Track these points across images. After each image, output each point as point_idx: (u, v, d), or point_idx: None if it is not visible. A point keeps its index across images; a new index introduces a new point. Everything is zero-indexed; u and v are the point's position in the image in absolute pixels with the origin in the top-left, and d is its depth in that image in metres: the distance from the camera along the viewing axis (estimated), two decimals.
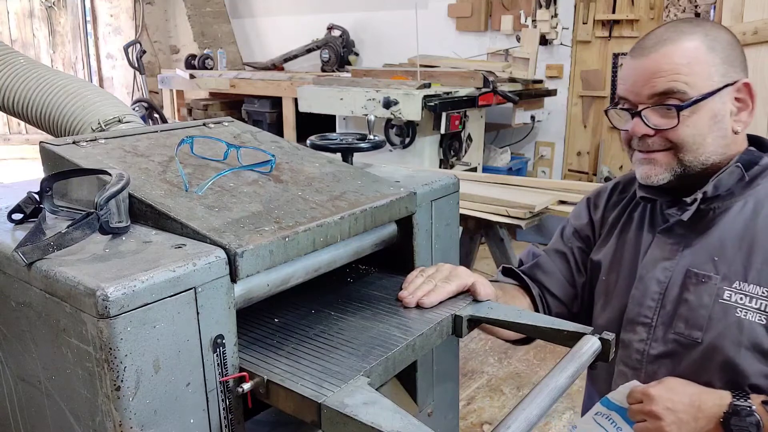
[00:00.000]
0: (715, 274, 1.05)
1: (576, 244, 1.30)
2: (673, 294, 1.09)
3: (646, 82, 1.05)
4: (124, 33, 7.28)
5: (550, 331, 0.93)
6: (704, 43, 1.04)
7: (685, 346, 1.07)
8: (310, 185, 0.97)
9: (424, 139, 3.89)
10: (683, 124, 1.03)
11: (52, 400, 0.75)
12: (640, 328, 1.12)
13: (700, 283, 1.07)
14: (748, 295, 1.03)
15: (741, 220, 1.06)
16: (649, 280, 1.12)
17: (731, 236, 1.06)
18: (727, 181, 1.06)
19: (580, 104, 5.00)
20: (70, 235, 0.70)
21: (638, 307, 1.13)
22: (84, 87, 1.43)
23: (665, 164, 1.07)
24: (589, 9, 4.78)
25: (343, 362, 0.81)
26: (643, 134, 1.06)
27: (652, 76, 1.04)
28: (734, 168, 1.06)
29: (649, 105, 1.05)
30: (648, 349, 1.11)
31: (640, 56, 1.07)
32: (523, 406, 0.75)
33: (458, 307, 0.97)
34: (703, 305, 1.05)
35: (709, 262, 1.07)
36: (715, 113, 1.04)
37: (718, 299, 1.05)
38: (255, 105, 5.40)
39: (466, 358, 2.90)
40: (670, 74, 1.03)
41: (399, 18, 5.57)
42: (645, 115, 1.05)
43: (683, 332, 1.07)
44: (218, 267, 0.72)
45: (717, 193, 1.07)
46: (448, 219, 1.14)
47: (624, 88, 1.09)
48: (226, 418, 0.77)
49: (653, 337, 1.11)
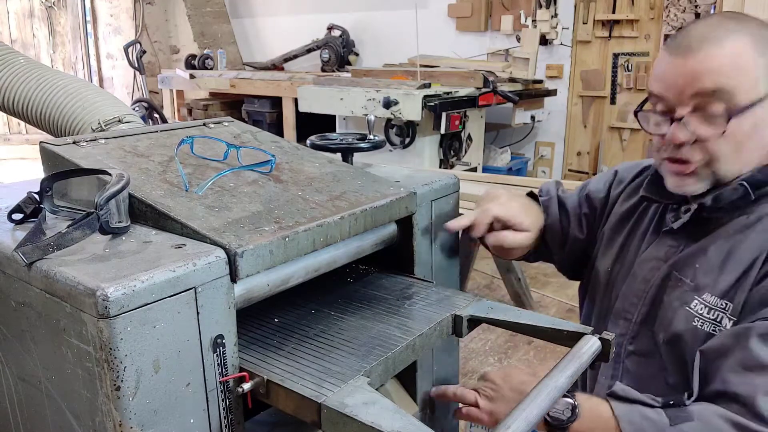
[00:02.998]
0: (690, 281, 1.04)
1: (584, 208, 1.31)
2: (653, 293, 1.10)
3: (690, 82, 0.96)
4: (124, 33, 7.28)
5: (550, 331, 0.93)
6: (752, 44, 0.95)
7: (656, 345, 1.08)
8: (310, 185, 0.97)
9: (424, 139, 3.89)
10: (725, 134, 0.96)
11: (52, 400, 0.75)
12: (622, 322, 1.13)
13: (675, 287, 1.06)
14: (708, 306, 1.01)
15: (734, 235, 1.03)
16: (639, 278, 1.13)
17: (718, 248, 1.03)
18: (729, 196, 1.01)
19: (580, 104, 5.00)
20: (70, 235, 0.70)
21: (624, 303, 1.14)
22: (84, 87, 1.43)
23: (699, 176, 1.01)
24: (589, 9, 4.78)
25: (343, 362, 0.81)
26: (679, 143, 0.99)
27: (698, 75, 0.95)
28: (738, 186, 1.00)
29: (691, 109, 0.97)
30: (625, 344, 1.12)
31: (682, 53, 0.97)
32: (523, 406, 0.75)
33: (458, 307, 0.97)
34: (672, 308, 1.05)
35: (692, 268, 1.05)
36: (757, 122, 0.97)
37: (685, 306, 1.03)
38: (255, 105, 5.40)
39: (466, 358, 2.90)
40: (716, 75, 0.94)
41: (399, 18, 5.57)
42: (685, 120, 0.97)
43: (655, 332, 1.08)
44: (218, 267, 0.72)
45: (719, 206, 1.03)
46: (448, 219, 1.14)
47: (662, 86, 1.00)
48: (226, 418, 0.77)
49: (631, 332, 1.12)
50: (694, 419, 0.90)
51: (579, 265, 1.33)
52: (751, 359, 0.91)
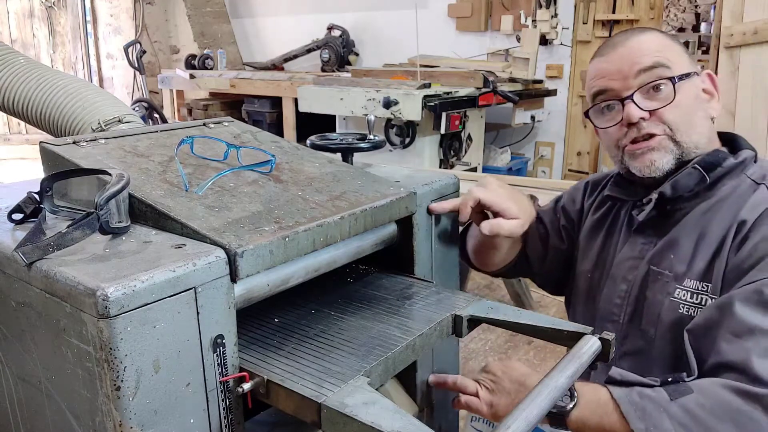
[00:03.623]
0: (669, 271, 1.07)
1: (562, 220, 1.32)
2: (635, 292, 1.11)
3: (631, 63, 1.05)
4: (124, 33, 7.28)
5: (550, 331, 0.93)
6: (665, 35, 1.10)
7: (647, 342, 1.09)
8: (310, 185, 0.97)
9: (424, 139, 3.89)
10: (674, 101, 1.04)
11: (52, 400, 0.75)
12: (610, 325, 1.14)
13: (656, 281, 1.08)
14: (690, 291, 1.04)
15: (700, 217, 1.06)
16: (618, 279, 1.14)
17: (688, 235, 1.06)
18: (686, 182, 1.06)
19: (580, 104, 5.00)
20: (70, 235, 0.70)
21: (608, 305, 1.15)
22: (84, 87, 1.43)
23: (664, 147, 1.06)
24: (589, 9, 4.78)
25: (343, 362, 0.81)
26: (638, 119, 1.05)
27: (637, 55, 1.05)
28: (692, 170, 1.05)
29: (636, 88, 1.05)
30: (618, 346, 1.12)
31: (613, 49, 1.08)
32: (523, 406, 0.75)
33: (458, 307, 0.97)
34: (657, 302, 1.07)
35: (667, 259, 1.08)
36: (696, 94, 1.07)
37: (669, 296, 1.06)
38: (255, 105, 5.40)
39: (466, 358, 2.90)
40: (651, 53, 1.05)
41: (399, 18, 5.57)
42: (636, 99, 1.05)
43: (644, 329, 1.09)
44: (218, 267, 0.72)
45: (678, 194, 1.07)
46: (448, 219, 1.14)
47: (605, 80, 1.08)
48: (226, 418, 0.77)
49: (622, 334, 1.12)
50: (694, 392, 0.90)
51: (562, 277, 1.33)
52: (738, 325, 0.92)
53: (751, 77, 2.35)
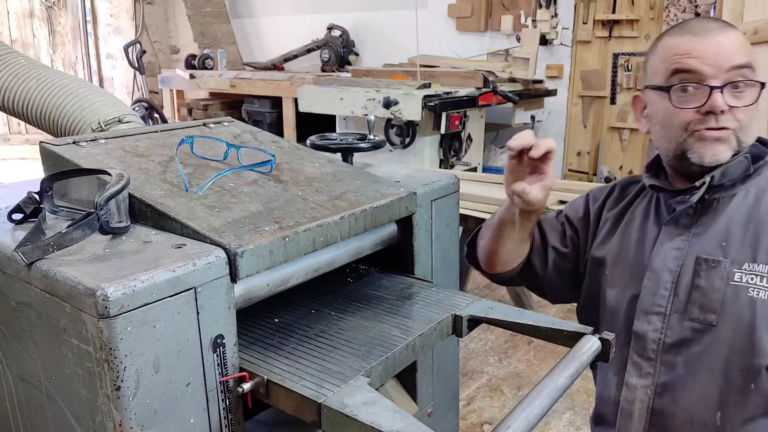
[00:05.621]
0: (724, 258, 1.08)
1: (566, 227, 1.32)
2: (685, 281, 1.11)
3: (728, 56, 1.06)
4: (124, 33, 7.28)
5: (550, 331, 0.93)
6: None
7: (700, 331, 1.09)
8: (310, 185, 0.97)
9: (424, 139, 3.89)
10: (753, 103, 1.08)
11: (52, 400, 0.75)
12: (654, 317, 1.13)
13: (710, 268, 1.09)
14: (758, 275, 1.05)
15: (744, 207, 1.10)
16: (660, 270, 1.14)
17: (736, 222, 1.09)
18: (735, 170, 1.10)
19: (580, 104, 5.00)
20: (70, 235, 0.70)
21: (651, 297, 1.14)
22: (84, 87, 1.43)
23: (729, 142, 1.09)
24: (589, 9, 4.78)
25: (343, 362, 0.81)
26: (720, 111, 1.07)
27: (733, 49, 1.07)
28: (743, 159, 1.09)
29: (728, 81, 1.06)
30: (663, 338, 1.12)
31: (709, 34, 1.08)
32: (523, 406, 0.75)
33: (458, 307, 0.97)
34: (715, 289, 1.08)
35: (718, 247, 1.09)
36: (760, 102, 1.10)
37: (729, 281, 1.07)
38: (255, 105, 5.40)
39: (466, 358, 2.90)
40: (746, 51, 1.08)
41: (399, 18, 5.57)
42: (725, 91, 1.07)
43: (698, 317, 1.09)
44: (218, 267, 0.72)
45: (722, 182, 1.10)
46: (448, 219, 1.14)
47: (697, 60, 1.08)
48: (226, 418, 0.77)
49: (668, 325, 1.12)
50: None
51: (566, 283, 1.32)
52: None
53: None
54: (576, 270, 1.29)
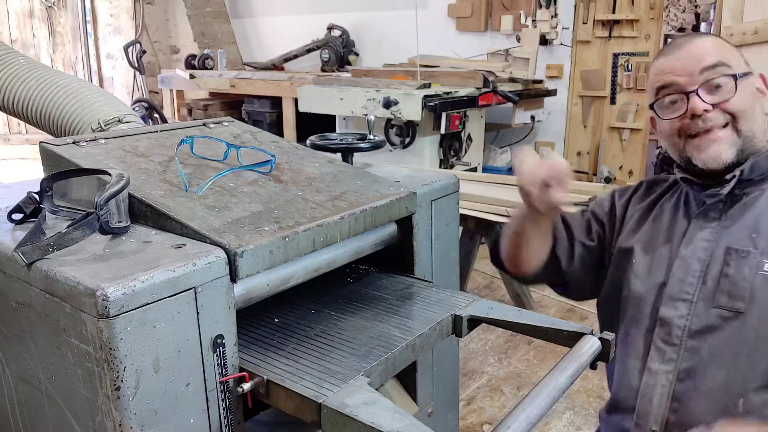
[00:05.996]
0: (754, 249, 1.11)
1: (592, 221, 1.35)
2: (714, 271, 1.14)
3: (696, 61, 1.13)
4: (124, 33, 7.28)
5: (550, 331, 0.93)
6: (723, 40, 1.19)
7: (727, 318, 1.11)
8: (310, 185, 0.97)
9: (424, 139, 3.89)
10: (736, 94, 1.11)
11: (52, 400, 0.75)
12: (681, 304, 1.15)
13: (740, 258, 1.12)
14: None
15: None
16: (690, 259, 1.16)
17: (766, 216, 1.12)
18: (764, 164, 1.14)
19: (580, 104, 5.00)
20: (70, 235, 0.70)
21: (680, 284, 1.16)
22: (84, 87, 1.43)
23: (728, 139, 1.13)
24: (589, 9, 4.77)
25: (343, 362, 0.81)
26: (702, 111, 1.11)
27: (701, 55, 1.14)
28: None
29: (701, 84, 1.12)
30: (689, 325, 1.14)
31: (677, 49, 1.17)
32: (523, 406, 0.75)
33: (458, 307, 0.97)
34: (745, 278, 1.10)
35: (748, 239, 1.12)
36: (752, 91, 1.15)
37: (759, 271, 1.09)
38: (255, 105, 5.40)
39: (466, 358, 2.90)
40: (714, 52, 1.14)
41: (399, 18, 5.57)
42: (700, 93, 1.12)
43: (725, 305, 1.11)
44: (218, 267, 0.72)
45: (751, 177, 1.14)
46: (448, 219, 1.14)
47: (670, 75, 1.15)
48: (226, 418, 0.77)
49: (694, 312, 1.14)
50: None
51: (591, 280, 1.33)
52: None
53: None
54: (601, 264, 1.32)
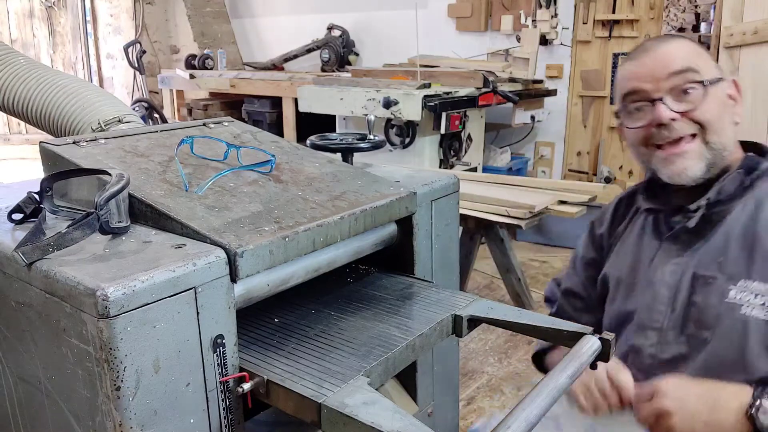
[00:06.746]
0: (720, 274, 1.07)
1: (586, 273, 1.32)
2: (682, 298, 1.10)
3: (663, 67, 1.07)
4: (124, 33, 7.28)
5: (550, 331, 0.92)
6: (694, 43, 1.13)
7: (695, 346, 1.08)
8: (310, 185, 0.97)
9: (424, 139, 3.89)
10: (705, 103, 1.05)
11: (52, 400, 0.75)
12: (651, 332, 1.13)
13: (706, 285, 1.08)
14: (753, 293, 1.04)
15: (742, 220, 1.08)
16: (658, 285, 1.13)
17: (734, 236, 1.07)
18: (729, 187, 1.08)
19: (580, 104, 5.00)
20: (70, 235, 0.70)
21: (648, 312, 1.13)
22: (84, 87, 1.43)
23: (695, 153, 1.07)
24: (589, 9, 4.77)
25: (343, 362, 0.81)
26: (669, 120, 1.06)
27: (669, 60, 1.07)
28: (736, 174, 1.08)
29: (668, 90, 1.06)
30: (659, 353, 1.12)
31: (645, 53, 1.10)
32: (523, 406, 0.75)
33: (458, 307, 0.97)
34: (711, 305, 1.07)
35: (714, 263, 1.08)
36: (723, 99, 1.09)
37: (724, 299, 1.06)
38: (255, 105, 5.40)
39: (466, 358, 2.90)
40: (682, 58, 1.08)
41: (399, 18, 5.57)
42: (666, 101, 1.06)
43: (693, 333, 1.08)
44: (218, 267, 0.72)
45: (719, 198, 1.09)
46: (448, 219, 1.14)
47: (636, 81, 1.09)
48: (226, 418, 0.77)
49: (664, 340, 1.11)
50: None
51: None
52: None
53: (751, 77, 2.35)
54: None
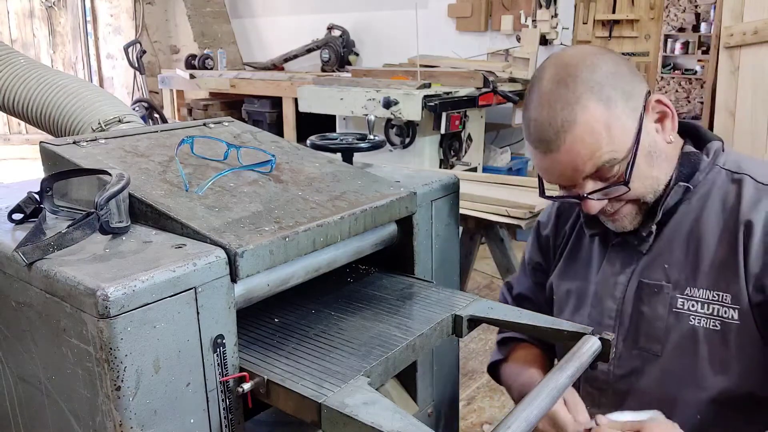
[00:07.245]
0: (667, 282, 1.02)
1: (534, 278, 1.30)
2: (628, 309, 1.06)
3: (574, 173, 0.97)
4: (124, 33, 7.29)
5: (550, 331, 0.93)
6: (598, 101, 0.94)
7: (648, 360, 1.04)
8: (310, 185, 0.97)
9: (424, 139, 3.89)
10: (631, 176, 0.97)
11: (52, 400, 0.75)
12: None
13: (653, 294, 1.03)
14: (699, 301, 0.99)
15: (687, 220, 1.03)
16: (604, 297, 1.10)
17: (678, 238, 1.03)
18: (673, 200, 1.03)
19: None
20: (70, 235, 0.70)
21: (597, 327, 1.06)
22: (84, 87, 1.43)
23: (631, 211, 1.03)
24: (589, 9, 4.78)
25: (343, 362, 0.81)
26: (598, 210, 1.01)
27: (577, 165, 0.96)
28: (677, 188, 1.02)
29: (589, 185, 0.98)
30: (614, 369, 1.09)
31: (549, 149, 0.97)
32: (523, 406, 0.75)
33: (458, 307, 0.97)
34: (659, 317, 1.02)
35: (660, 269, 1.03)
36: (647, 149, 0.98)
37: (672, 308, 1.01)
38: (255, 105, 5.40)
39: (466, 358, 2.90)
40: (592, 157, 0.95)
41: (399, 18, 5.57)
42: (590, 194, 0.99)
43: (644, 346, 1.04)
44: (218, 267, 0.72)
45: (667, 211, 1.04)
46: (448, 219, 1.14)
47: (552, 178, 1.02)
48: (226, 418, 0.77)
49: (617, 356, 1.08)
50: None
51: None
52: None
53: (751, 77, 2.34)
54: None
